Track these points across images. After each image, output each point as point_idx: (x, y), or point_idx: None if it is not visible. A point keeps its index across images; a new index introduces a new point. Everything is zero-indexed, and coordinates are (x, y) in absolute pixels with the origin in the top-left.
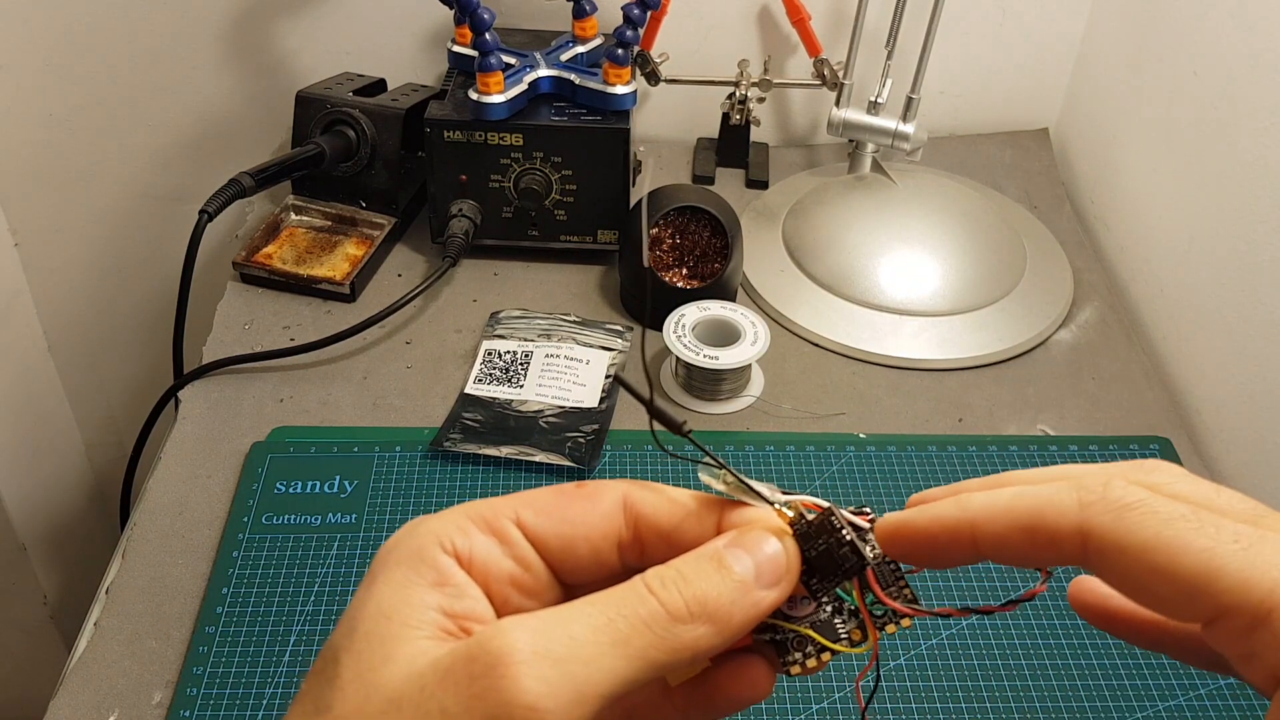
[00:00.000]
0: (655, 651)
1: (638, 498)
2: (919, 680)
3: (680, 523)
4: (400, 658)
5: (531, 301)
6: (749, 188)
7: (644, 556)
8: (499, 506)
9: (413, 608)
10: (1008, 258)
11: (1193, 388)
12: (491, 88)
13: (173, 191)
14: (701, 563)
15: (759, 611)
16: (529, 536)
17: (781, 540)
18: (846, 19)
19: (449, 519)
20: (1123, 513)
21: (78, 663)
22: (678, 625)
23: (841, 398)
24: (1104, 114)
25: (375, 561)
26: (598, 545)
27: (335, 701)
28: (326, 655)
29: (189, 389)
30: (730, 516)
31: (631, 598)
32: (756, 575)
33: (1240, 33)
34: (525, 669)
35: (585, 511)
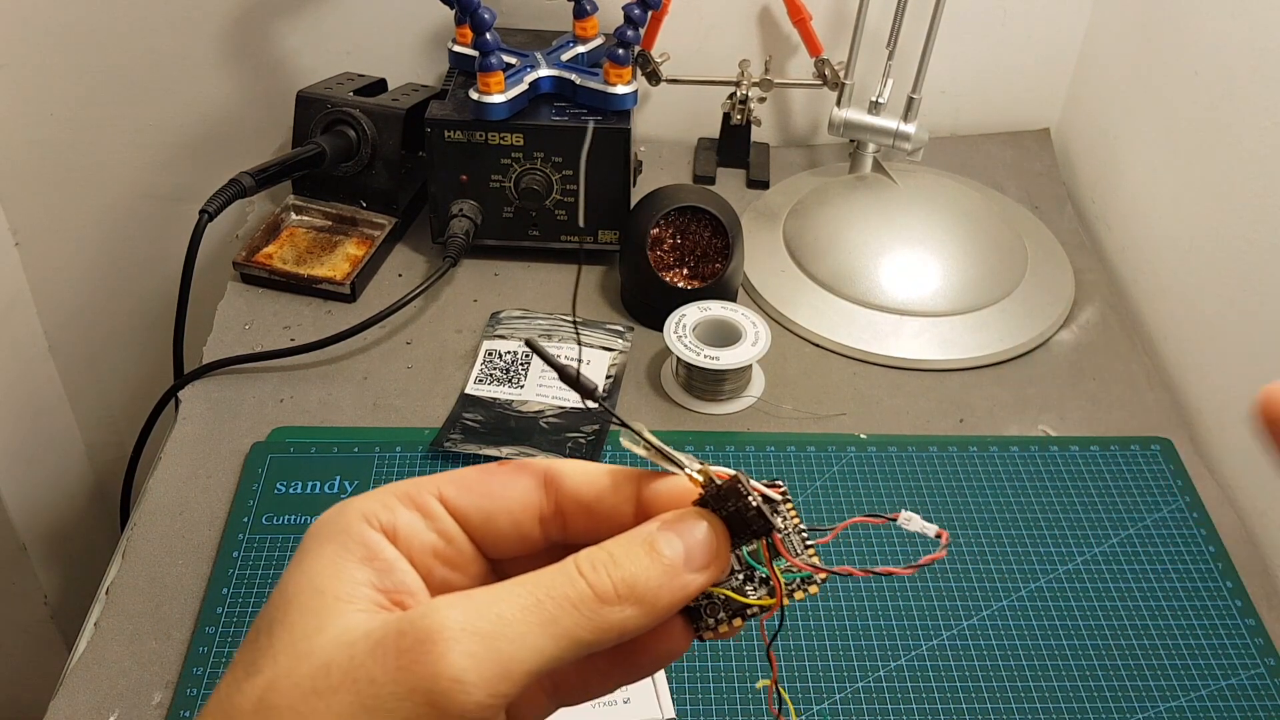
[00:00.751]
0: (582, 631)
1: (558, 471)
2: (919, 680)
3: (599, 494)
4: (332, 628)
5: (532, 301)
6: (750, 188)
7: (566, 529)
8: (422, 483)
9: (344, 582)
10: (1009, 258)
11: (1194, 388)
12: (492, 88)
13: (173, 191)
14: (633, 546)
15: (687, 594)
16: (451, 511)
17: (711, 525)
18: (847, 19)
19: (374, 497)
20: None
21: (78, 663)
22: (605, 607)
23: (842, 398)
24: (1105, 114)
25: (305, 539)
26: (518, 518)
27: (266, 666)
28: (260, 625)
29: (189, 389)
30: (647, 487)
31: (561, 579)
32: (686, 559)
33: (1241, 33)
34: (453, 644)
35: (505, 485)
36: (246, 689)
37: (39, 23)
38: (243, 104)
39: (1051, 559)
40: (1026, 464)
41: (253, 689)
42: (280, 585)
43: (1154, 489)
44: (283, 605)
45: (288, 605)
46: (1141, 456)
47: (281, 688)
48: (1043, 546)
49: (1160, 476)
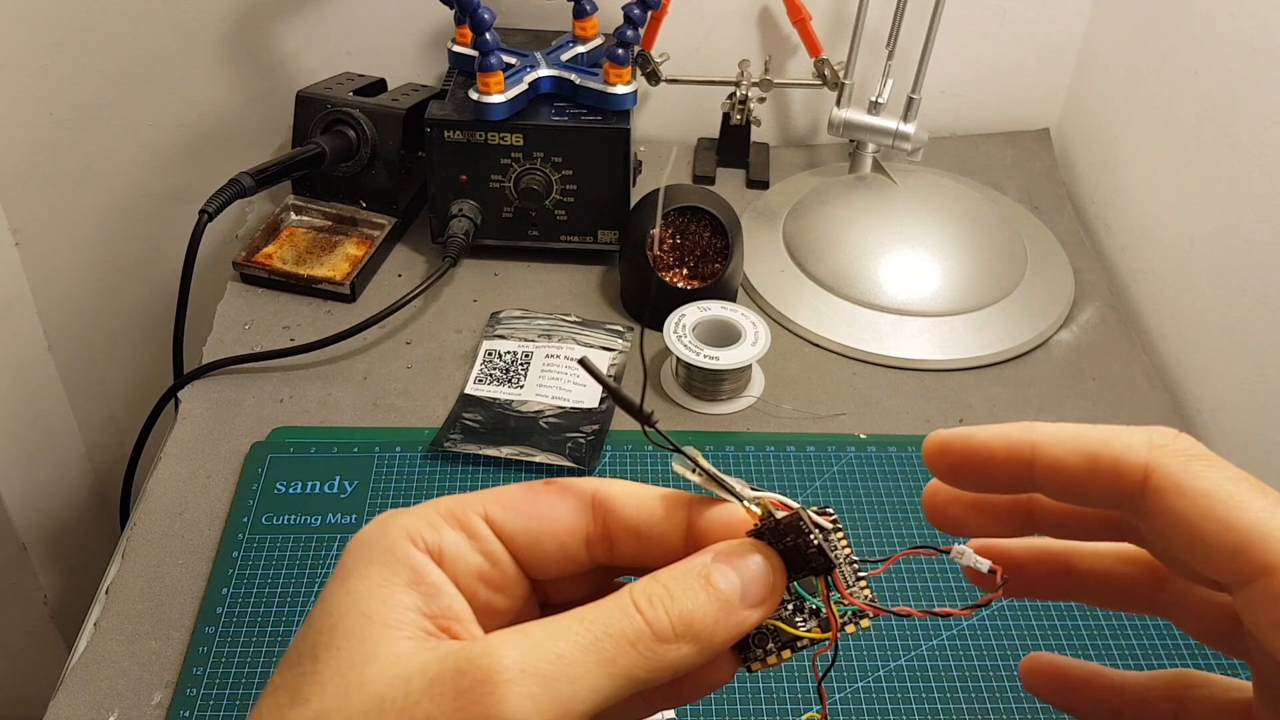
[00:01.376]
0: (639, 670)
1: (607, 494)
2: (919, 680)
3: (649, 519)
4: (382, 657)
5: (532, 301)
6: (749, 188)
7: (613, 552)
8: (468, 502)
9: (392, 608)
10: (1008, 258)
11: (1194, 388)
12: (492, 88)
13: (173, 191)
14: (689, 580)
15: (742, 631)
16: (497, 532)
17: (767, 558)
18: (847, 19)
19: (419, 515)
20: (1190, 461)
21: (78, 663)
22: (662, 645)
23: (842, 398)
24: (1105, 114)
25: (347, 557)
26: (565, 541)
27: (313, 695)
28: (302, 649)
29: (189, 389)
30: (700, 514)
31: (619, 616)
32: (742, 595)
33: (1241, 33)
34: (513, 687)
35: (553, 507)
36: (293, 717)
37: (39, 23)
38: (242, 104)
39: None
40: None
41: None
42: (322, 606)
43: None
44: (328, 630)
45: (333, 630)
46: None
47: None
48: None
49: None
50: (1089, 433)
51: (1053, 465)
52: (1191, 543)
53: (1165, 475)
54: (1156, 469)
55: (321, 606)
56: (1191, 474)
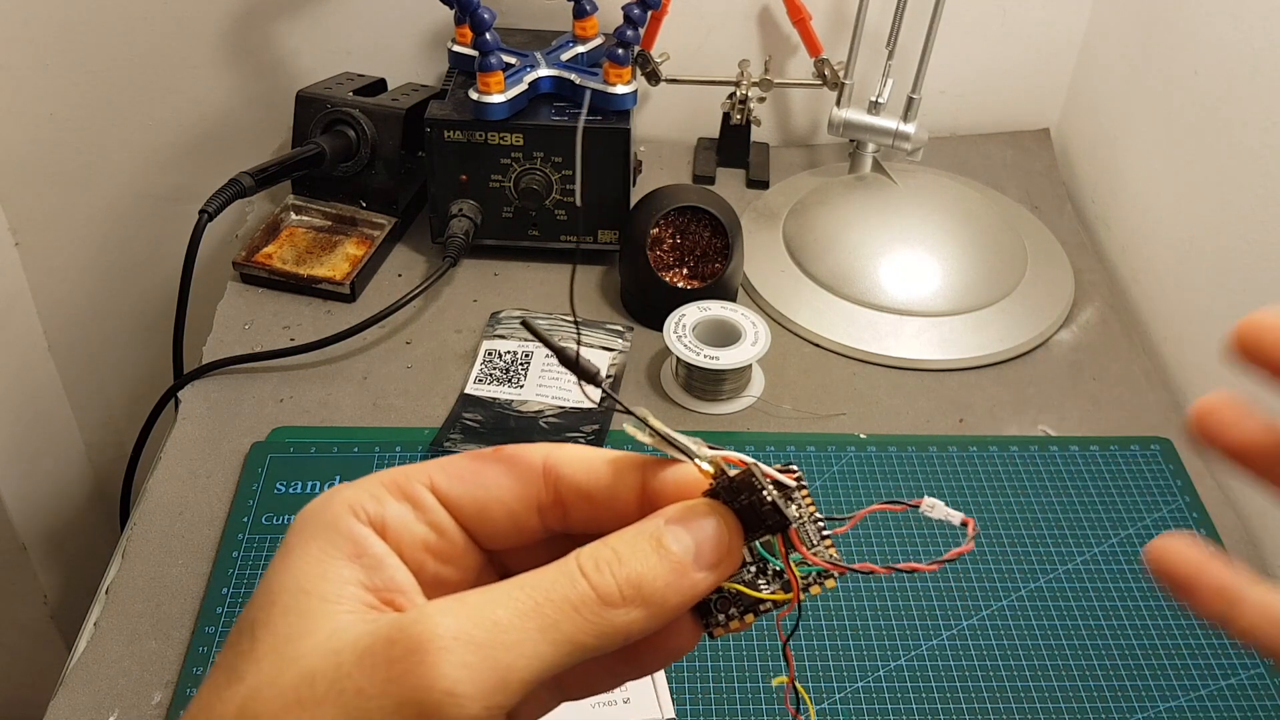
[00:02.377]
0: (584, 636)
1: (558, 458)
2: (919, 680)
3: (599, 482)
4: (319, 632)
5: (532, 301)
6: (749, 188)
7: (566, 519)
8: (412, 472)
9: (330, 582)
10: (1009, 258)
11: (1194, 388)
12: (492, 87)
13: (173, 191)
14: (639, 542)
15: (696, 594)
16: (443, 501)
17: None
18: (847, 19)
19: (362, 486)
20: None
21: (78, 663)
22: (609, 610)
23: (842, 398)
24: (1105, 114)
25: (289, 532)
26: (514, 509)
27: (249, 672)
28: (242, 627)
29: (189, 389)
30: (654, 475)
31: (562, 580)
32: (696, 556)
33: (1241, 33)
34: (445, 655)
35: (500, 474)
36: (227, 696)
37: (39, 23)
38: (242, 104)
39: (1051, 559)
40: (1026, 464)
41: (234, 696)
42: (263, 584)
43: (1154, 489)
44: (266, 606)
45: (270, 606)
46: (1141, 456)
47: (264, 696)
48: (1042, 546)
49: (1160, 476)
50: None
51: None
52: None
53: None
54: None
55: (263, 584)
56: None
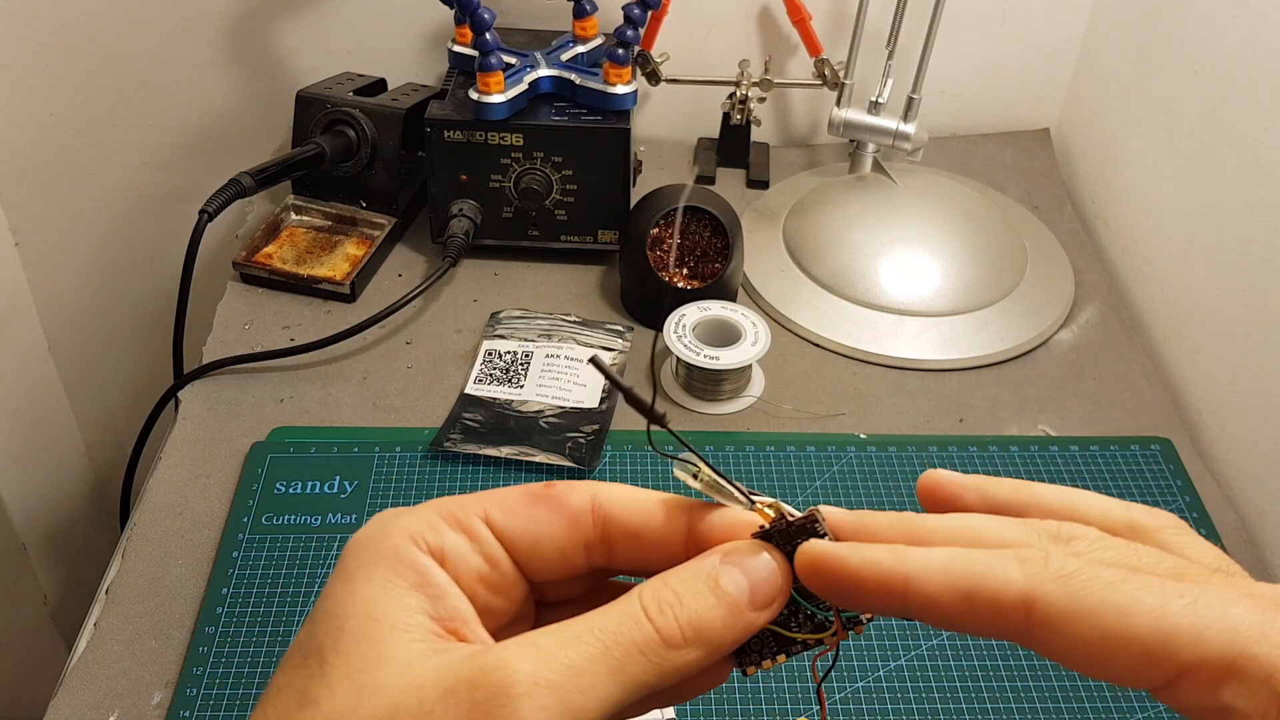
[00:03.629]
0: (648, 676)
1: (606, 498)
2: (919, 680)
3: (649, 523)
4: (393, 660)
5: (532, 301)
6: (750, 188)
7: (611, 556)
8: (467, 504)
9: (399, 610)
10: (1009, 258)
11: (1194, 388)
12: (492, 87)
13: (173, 191)
14: (697, 584)
15: (749, 633)
16: (496, 534)
17: (775, 559)
18: (847, 19)
19: (420, 516)
20: (1067, 580)
21: (78, 663)
22: (671, 651)
23: (842, 398)
24: (1105, 114)
25: (348, 557)
26: (563, 546)
27: (323, 698)
28: (307, 650)
29: (189, 389)
30: (701, 518)
31: (628, 623)
32: (751, 598)
33: (1241, 32)
34: (526, 700)
35: (552, 512)
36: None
37: (39, 23)
38: (242, 104)
39: None
40: (1026, 464)
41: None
42: (326, 606)
43: (1154, 489)
44: (334, 631)
45: (339, 631)
46: (1141, 456)
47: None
48: None
49: (1160, 476)
50: (961, 565)
51: (927, 603)
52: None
53: (1048, 604)
54: (1037, 602)
55: (325, 607)
56: (1073, 595)
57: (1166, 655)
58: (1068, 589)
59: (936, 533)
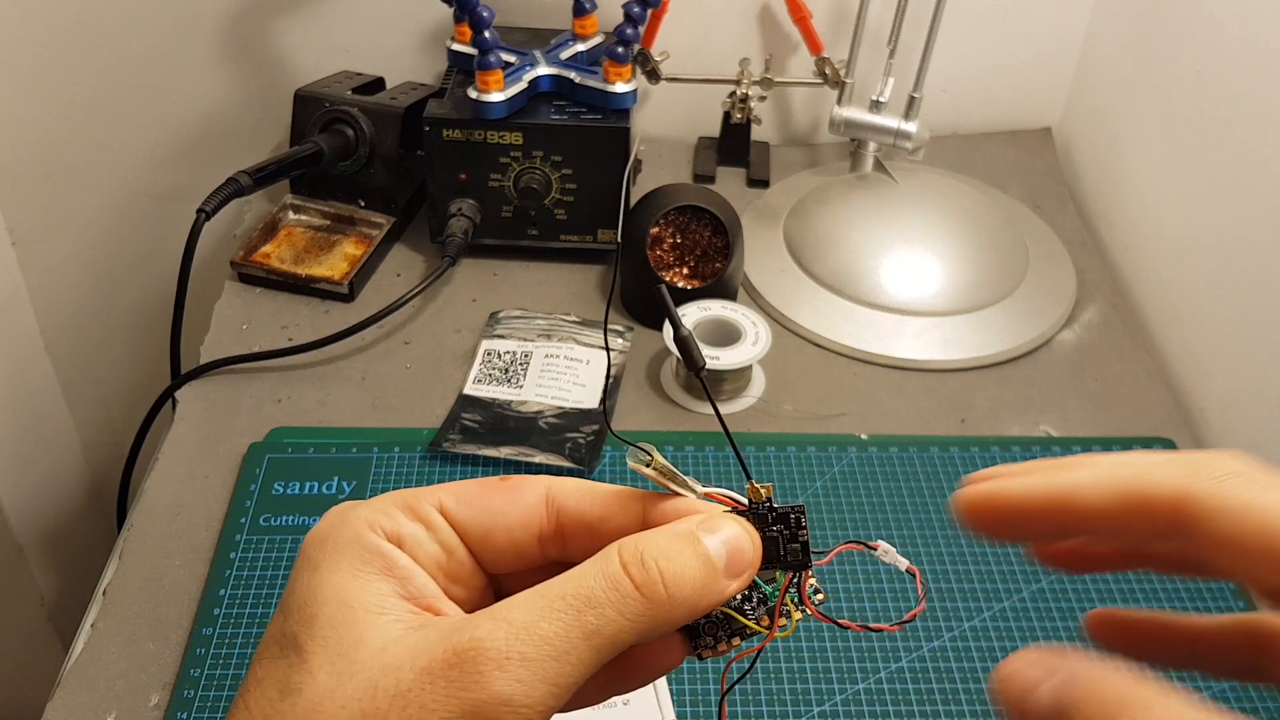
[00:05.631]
0: (625, 635)
1: (560, 491)
2: (920, 683)
3: (603, 513)
4: (370, 643)
5: (531, 301)
6: (750, 187)
7: (566, 549)
8: (423, 495)
9: (370, 594)
10: (1010, 257)
11: (1197, 388)
12: (491, 86)
13: (170, 190)
14: (679, 542)
15: (721, 600)
16: (452, 524)
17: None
18: (848, 17)
19: (376, 506)
20: (1225, 480)
21: (75, 664)
22: (652, 607)
23: (843, 398)
24: (1107, 113)
25: (310, 548)
26: (517, 537)
27: (305, 685)
28: (282, 641)
29: (186, 389)
30: (655, 506)
31: (603, 583)
32: (727, 564)
33: (1244, 31)
34: (500, 672)
35: (507, 503)
36: (286, 709)
37: (36, 21)
38: (240, 103)
39: None
40: None
41: (294, 709)
42: (295, 597)
43: None
44: (307, 621)
45: (313, 620)
46: None
47: (326, 709)
48: None
49: None
50: (1123, 470)
51: (1087, 514)
52: (1247, 561)
53: (1203, 500)
54: (1191, 499)
55: (295, 598)
56: (1230, 493)
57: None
58: (1222, 487)
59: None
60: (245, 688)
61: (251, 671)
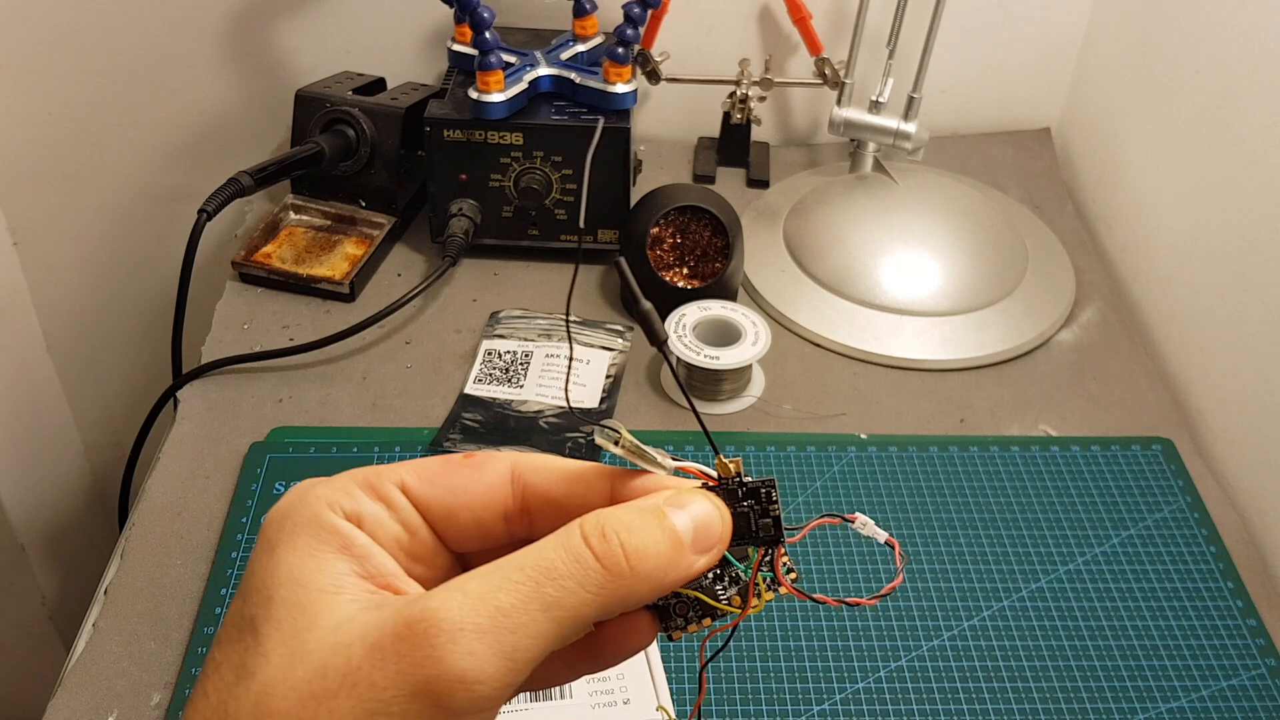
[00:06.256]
0: (586, 609)
1: (526, 467)
2: (919, 681)
3: (571, 491)
4: (324, 624)
5: (531, 301)
6: (750, 187)
7: (533, 527)
8: (384, 473)
9: (326, 574)
10: (1009, 258)
11: (1195, 388)
12: (491, 86)
13: (172, 190)
14: (643, 516)
15: (689, 575)
16: (413, 502)
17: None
18: (848, 18)
19: (336, 484)
20: None
21: (76, 663)
22: (614, 580)
23: (842, 398)
24: (1106, 113)
25: (268, 528)
26: (481, 515)
27: (259, 668)
28: (240, 624)
29: (188, 389)
30: (624, 484)
31: (564, 556)
32: (694, 539)
33: (1242, 31)
34: (453, 645)
35: (470, 481)
36: (240, 693)
37: (37, 21)
38: (241, 103)
39: (1052, 559)
40: (1027, 464)
41: (247, 693)
42: (252, 579)
43: (1155, 489)
44: (263, 603)
45: (269, 602)
46: (1142, 456)
47: (278, 692)
48: (1043, 547)
49: (1161, 477)
50: None
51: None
52: None
53: None
54: None
55: (252, 580)
56: None
57: None
58: None
59: None
60: (204, 673)
61: (211, 655)
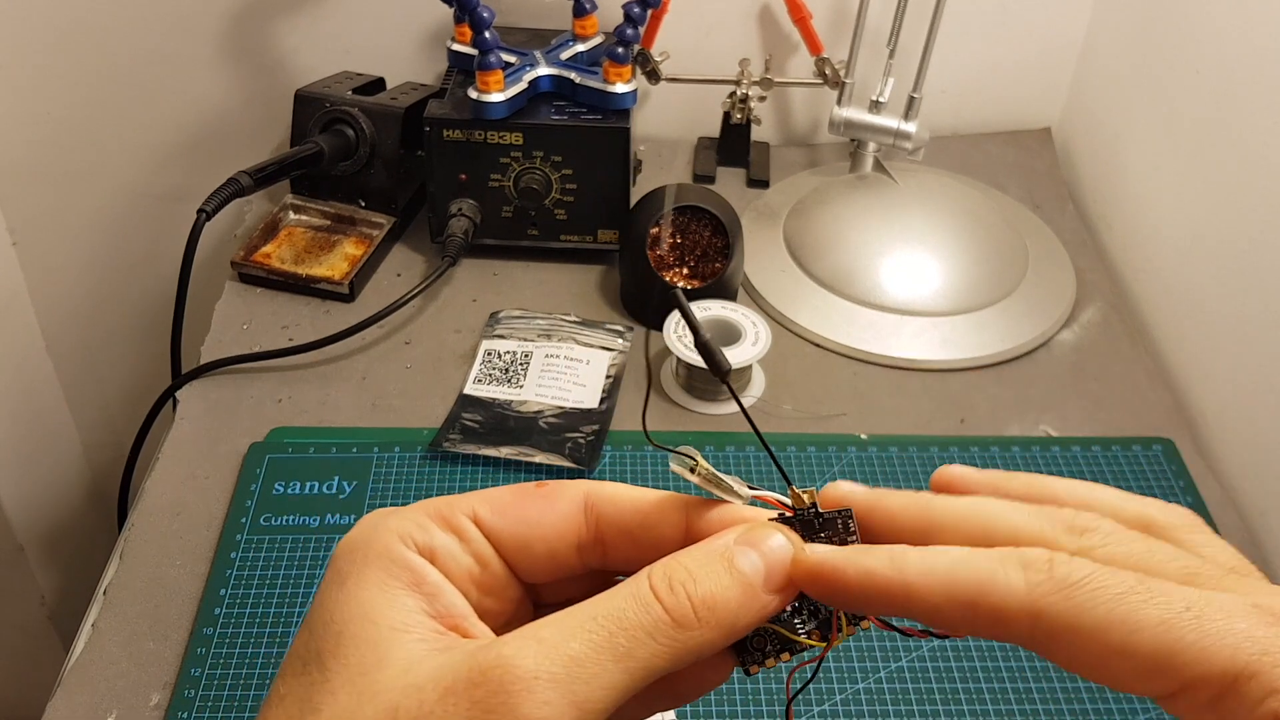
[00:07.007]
0: (659, 660)
1: (599, 497)
2: (919, 681)
3: (644, 521)
4: (394, 663)
5: (531, 301)
6: (750, 187)
7: (607, 557)
8: (456, 504)
9: (398, 611)
10: (1010, 257)
11: (1196, 388)
12: (491, 86)
13: (171, 190)
14: (711, 562)
15: (764, 617)
16: (486, 534)
17: (792, 542)
18: (848, 17)
19: (409, 516)
20: (1072, 592)
21: (75, 664)
22: (684, 631)
23: (843, 398)
24: (1107, 113)
25: (340, 560)
26: (554, 546)
27: (325, 705)
28: (306, 657)
29: (187, 389)
30: (699, 514)
31: (634, 606)
32: (766, 579)
33: (1243, 31)
34: (528, 695)
35: (543, 511)
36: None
37: (37, 22)
38: (241, 103)
39: None
40: (1028, 464)
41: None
42: (321, 612)
43: (1155, 489)
44: (333, 636)
45: (339, 636)
46: (1143, 457)
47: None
48: None
49: (1162, 477)
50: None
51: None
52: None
53: (1053, 619)
54: (1042, 614)
55: (321, 612)
56: (1079, 609)
57: (1170, 670)
58: (1072, 602)
59: (949, 516)
60: (268, 703)
61: (275, 687)
